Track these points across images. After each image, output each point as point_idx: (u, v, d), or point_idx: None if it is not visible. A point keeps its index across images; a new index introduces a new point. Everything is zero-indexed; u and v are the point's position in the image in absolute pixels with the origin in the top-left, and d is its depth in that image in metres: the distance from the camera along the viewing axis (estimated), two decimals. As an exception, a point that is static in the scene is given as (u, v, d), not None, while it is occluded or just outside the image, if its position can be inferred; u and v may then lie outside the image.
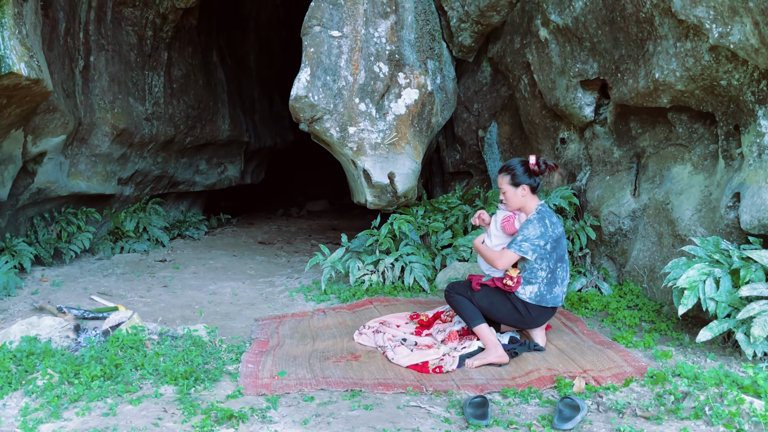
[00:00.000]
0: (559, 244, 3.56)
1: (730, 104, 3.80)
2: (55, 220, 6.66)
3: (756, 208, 3.52)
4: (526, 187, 3.56)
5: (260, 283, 5.85)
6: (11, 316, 4.62)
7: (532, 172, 3.56)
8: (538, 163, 3.54)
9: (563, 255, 3.61)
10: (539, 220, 3.51)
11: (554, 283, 3.58)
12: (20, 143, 5.61)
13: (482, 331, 3.53)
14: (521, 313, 3.57)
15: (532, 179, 3.56)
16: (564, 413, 2.75)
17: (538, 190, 3.62)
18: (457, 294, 3.63)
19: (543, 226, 3.50)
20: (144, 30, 7.38)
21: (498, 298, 3.60)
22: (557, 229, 3.55)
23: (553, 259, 3.55)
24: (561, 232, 3.57)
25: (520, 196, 3.58)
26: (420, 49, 5.65)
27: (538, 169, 3.55)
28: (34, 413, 2.90)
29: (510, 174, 3.59)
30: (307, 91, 5.18)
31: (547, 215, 3.57)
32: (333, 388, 3.17)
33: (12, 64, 4.52)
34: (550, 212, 3.61)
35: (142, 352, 3.57)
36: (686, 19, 3.61)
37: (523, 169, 3.57)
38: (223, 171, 9.78)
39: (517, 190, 3.57)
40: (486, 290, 3.62)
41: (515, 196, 3.59)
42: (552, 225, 3.53)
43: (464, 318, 3.60)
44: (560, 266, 3.60)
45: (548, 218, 3.55)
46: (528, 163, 3.57)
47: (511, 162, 3.65)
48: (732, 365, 3.32)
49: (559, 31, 4.93)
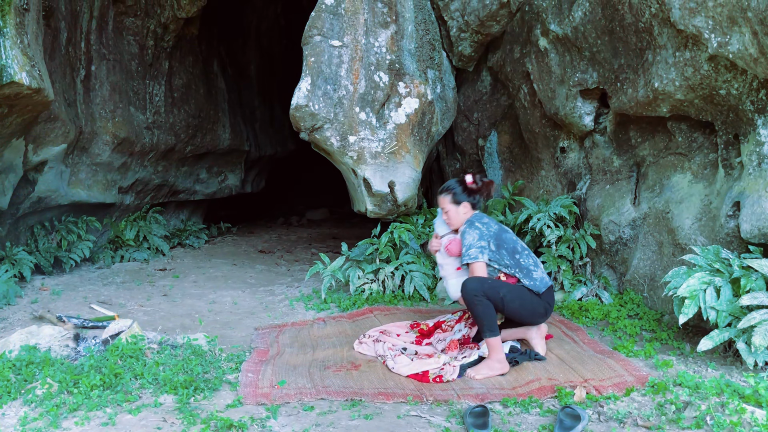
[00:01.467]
0: (502, 239, 3.64)
1: (730, 113, 3.81)
2: (55, 228, 6.67)
3: (756, 217, 3.52)
4: (467, 204, 3.72)
5: (260, 292, 5.84)
6: (11, 325, 4.61)
7: (470, 190, 3.72)
8: (475, 180, 3.72)
9: (515, 247, 3.66)
10: (469, 225, 3.65)
11: (530, 271, 3.62)
12: (21, 152, 5.62)
13: (496, 344, 3.46)
14: (546, 301, 3.63)
15: (471, 197, 3.72)
16: (565, 423, 2.74)
17: (477, 206, 3.77)
18: (485, 298, 3.45)
19: (476, 229, 3.62)
20: (145, 39, 7.42)
21: (526, 295, 3.59)
22: (491, 227, 3.65)
23: (505, 256, 3.61)
24: (497, 229, 3.67)
25: (462, 213, 3.72)
26: (420, 59, 5.67)
27: (476, 186, 3.72)
28: (33, 423, 2.89)
29: (450, 193, 3.74)
30: (308, 100, 5.19)
31: (476, 218, 3.69)
32: (333, 398, 3.16)
33: (13, 74, 4.54)
34: (480, 215, 3.73)
35: (142, 361, 3.56)
36: (685, 28, 3.63)
37: (462, 187, 3.73)
38: (224, 180, 9.80)
39: (458, 208, 3.72)
40: (512, 290, 3.55)
41: (457, 214, 3.73)
42: (484, 225, 3.65)
43: (483, 325, 3.46)
44: (520, 257, 3.64)
45: (477, 221, 3.67)
46: (465, 182, 3.73)
47: (449, 182, 3.81)
48: (733, 375, 3.31)
49: (558, 40, 4.95)
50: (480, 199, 3.78)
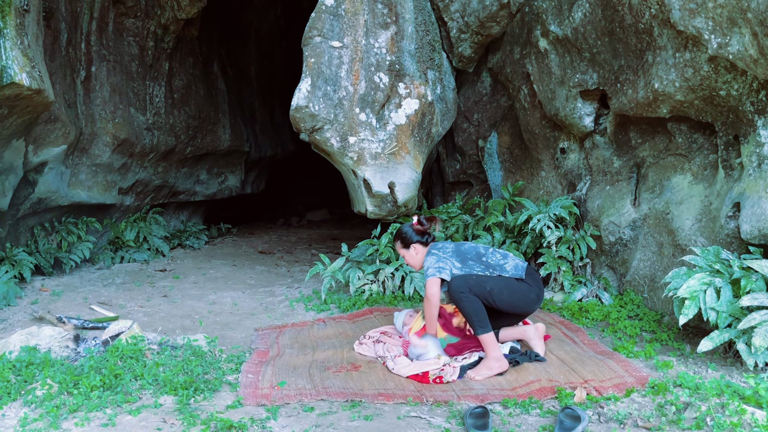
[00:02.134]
0: (461, 251, 3.72)
1: (730, 114, 3.81)
2: (55, 229, 6.67)
3: (756, 218, 3.52)
4: (416, 245, 3.84)
5: (260, 292, 5.84)
6: (11, 325, 4.61)
7: (417, 231, 3.84)
8: (420, 221, 3.87)
9: (477, 252, 3.72)
10: (427, 254, 3.77)
11: (502, 266, 3.67)
12: (21, 153, 5.62)
13: (489, 340, 3.48)
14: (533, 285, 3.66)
15: (419, 236, 3.84)
16: (565, 424, 2.74)
17: (429, 243, 3.87)
18: (473, 294, 3.49)
19: (433, 255, 3.72)
20: (145, 41, 7.42)
21: (514, 284, 3.62)
22: (446, 248, 3.75)
23: (474, 265, 3.65)
24: (453, 247, 3.76)
25: (414, 254, 3.85)
26: (420, 60, 5.67)
27: (421, 226, 3.85)
28: (33, 423, 2.89)
29: (400, 239, 3.90)
30: (308, 101, 5.19)
31: (432, 247, 3.81)
32: (333, 399, 3.16)
33: (14, 75, 4.54)
34: (435, 244, 3.83)
35: (142, 362, 3.56)
36: (685, 29, 3.63)
37: (410, 230, 3.87)
38: (224, 181, 9.80)
39: (409, 250, 3.86)
40: (498, 281, 3.59)
41: (411, 257, 3.87)
42: (439, 249, 3.75)
43: (472, 322, 3.50)
44: (487, 257, 3.70)
45: (433, 248, 3.79)
46: (413, 225, 3.88)
47: (398, 229, 3.97)
48: (733, 375, 3.31)
49: (558, 41, 4.95)
50: (429, 238, 3.88)
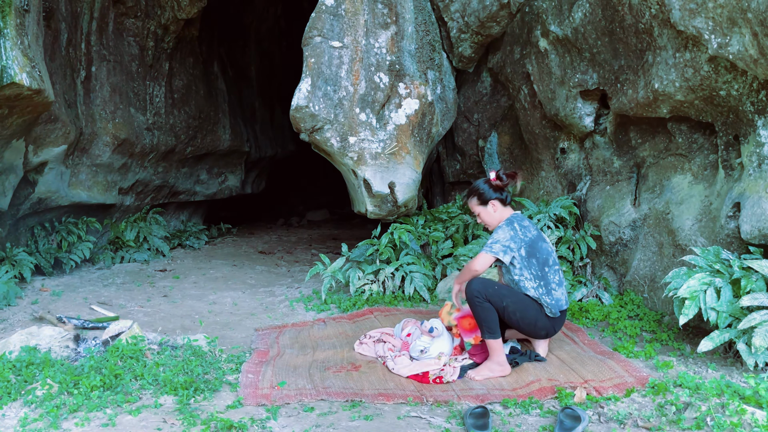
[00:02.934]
0: (536, 248, 3.53)
1: (730, 114, 3.81)
2: (55, 229, 6.67)
3: (756, 218, 3.52)
4: (494, 202, 3.64)
5: (260, 292, 5.84)
6: (11, 325, 4.61)
7: (495, 187, 3.65)
8: (498, 176, 3.65)
9: (547, 259, 3.55)
10: (508, 223, 3.56)
11: (551, 289, 3.53)
12: (21, 153, 5.62)
13: (496, 346, 3.45)
14: (552, 324, 3.56)
15: (497, 193, 3.64)
16: (565, 424, 2.74)
17: (508, 202, 3.68)
18: (487, 302, 3.42)
19: (512, 230, 3.52)
20: (145, 41, 7.42)
21: (531, 312, 3.51)
22: (529, 233, 3.53)
23: (534, 266, 3.51)
24: (535, 236, 3.55)
25: (492, 212, 3.65)
26: (420, 60, 5.67)
27: (500, 182, 3.65)
28: (33, 423, 2.89)
29: (476, 195, 3.68)
30: (308, 101, 5.20)
31: (517, 220, 3.58)
32: (333, 399, 3.16)
33: (14, 75, 4.54)
34: (521, 218, 3.62)
35: (142, 362, 3.56)
36: (685, 29, 3.63)
37: (486, 186, 3.66)
38: (224, 181, 9.80)
39: (487, 207, 3.65)
40: (518, 302, 3.49)
41: (488, 214, 3.66)
42: (522, 228, 3.53)
43: (483, 327, 3.46)
44: (549, 271, 3.55)
45: (517, 222, 3.56)
46: (490, 180, 3.67)
47: (474, 184, 3.75)
48: (733, 375, 3.31)
49: (558, 41, 4.95)
50: (508, 195, 3.68)
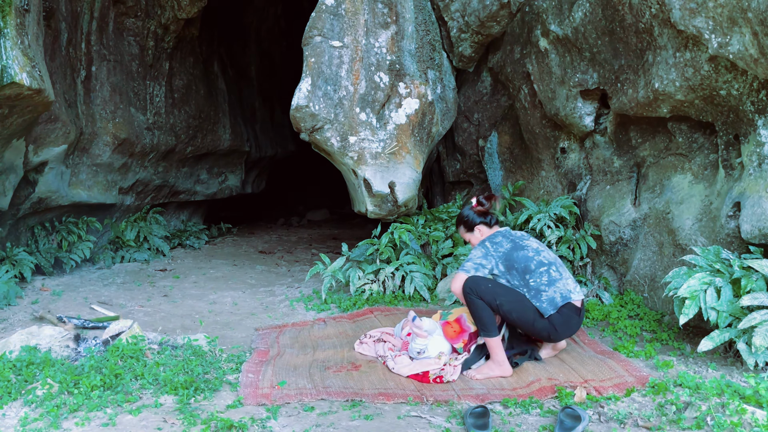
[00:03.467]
0: (513, 259, 3.54)
1: (730, 114, 3.81)
2: (55, 229, 6.67)
3: (756, 217, 3.52)
4: (480, 227, 3.77)
5: (261, 292, 5.84)
6: (11, 325, 4.61)
7: (479, 213, 3.77)
8: (479, 201, 3.79)
9: (527, 266, 3.52)
10: (480, 244, 3.67)
11: (540, 291, 3.48)
12: (21, 153, 5.62)
13: (494, 344, 3.45)
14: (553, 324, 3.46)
15: (481, 217, 3.77)
16: (565, 423, 2.74)
17: (493, 224, 3.79)
18: (479, 299, 3.43)
19: (483, 248, 3.63)
20: (146, 40, 7.42)
21: (529, 312, 3.45)
22: (501, 247, 3.60)
23: (516, 276, 3.52)
24: (509, 249, 3.58)
25: (479, 236, 3.76)
26: (420, 59, 5.67)
27: (482, 206, 3.77)
28: (33, 423, 2.89)
29: (462, 223, 3.83)
30: (308, 100, 5.20)
31: (489, 239, 3.67)
32: (333, 398, 3.16)
33: (14, 74, 4.54)
34: (495, 235, 3.68)
35: (142, 361, 3.56)
36: (685, 29, 3.63)
37: (471, 213, 3.80)
38: (224, 180, 9.80)
39: (474, 233, 3.79)
40: (513, 301, 3.45)
41: (476, 239, 3.78)
42: (494, 245, 3.62)
43: (479, 324, 3.47)
44: (531, 276, 3.50)
45: (489, 241, 3.66)
46: (473, 207, 3.81)
47: (459, 213, 3.89)
48: (734, 375, 3.31)
49: (558, 41, 4.95)
50: (492, 217, 3.80)
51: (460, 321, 3.70)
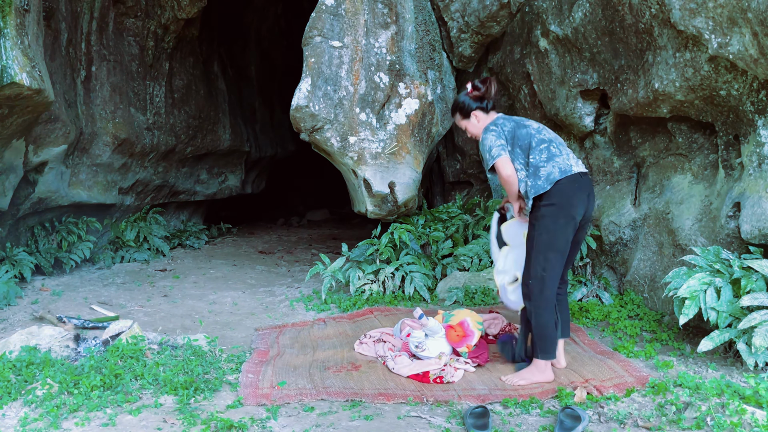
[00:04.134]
0: (517, 137, 3.41)
1: (730, 114, 3.81)
2: (55, 229, 6.67)
3: (756, 217, 3.52)
4: (476, 112, 3.57)
5: (260, 292, 5.84)
6: (11, 325, 4.61)
7: (474, 98, 3.56)
8: (474, 86, 3.56)
9: (529, 143, 3.39)
10: (485, 131, 3.48)
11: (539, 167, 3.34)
12: (21, 153, 5.62)
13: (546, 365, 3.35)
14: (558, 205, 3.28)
15: (477, 102, 3.56)
16: (565, 424, 2.74)
17: (489, 108, 3.58)
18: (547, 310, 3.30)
19: (492, 132, 3.44)
20: (146, 40, 7.42)
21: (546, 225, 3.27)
22: (505, 127, 3.44)
23: (520, 155, 3.38)
24: (512, 127, 3.44)
25: (476, 123, 3.58)
26: (420, 60, 5.67)
27: (477, 91, 3.55)
28: (33, 423, 2.89)
29: (458, 110, 3.63)
30: (308, 101, 5.20)
31: (493, 123, 3.50)
32: (333, 398, 3.16)
33: (14, 74, 4.54)
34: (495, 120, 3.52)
35: (142, 361, 3.56)
36: (685, 29, 3.63)
37: (467, 99, 3.58)
38: (224, 181, 9.80)
39: (470, 120, 3.59)
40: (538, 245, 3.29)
41: (474, 126, 3.60)
42: (498, 125, 3.46)
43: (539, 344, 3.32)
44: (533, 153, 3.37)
45: (492, 124, 3.49)
46: (468, 93, 3.59)
47: (455, 100, 3.69)
48: (733, 375, 3.31)
49: (558, 41, 4.95)
50: (489, 102, 3.58)
51: (464, 325, 3.70)
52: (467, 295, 5.03)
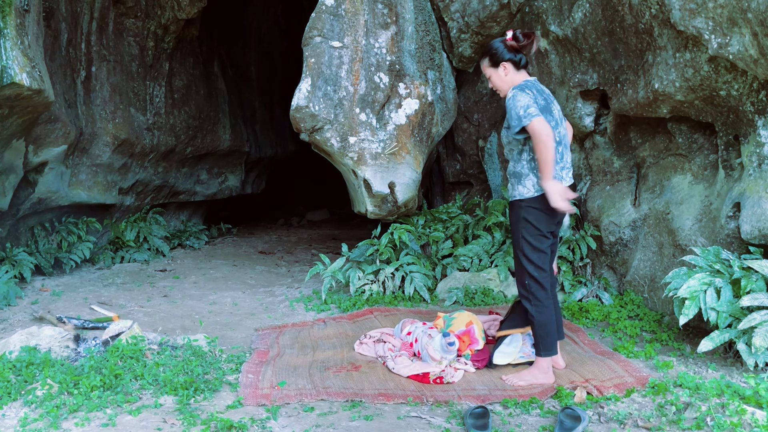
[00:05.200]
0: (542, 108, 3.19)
1: (730, 114, 3.81)
2: (55, 229, 6.67)
3: (756, 218, 3.52)
4: (506, 64, 3.27)
5: (260, 293, 5.84)
6: (11, 326, 4.61)
7: (510, 48, 3.26)
8: (515, 36, 3.25)
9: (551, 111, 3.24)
10: (520, 89, 3.20)
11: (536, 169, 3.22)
12: (21, 153, 5.62)
13: (548, 365, 3.34)
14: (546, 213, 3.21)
15: (512, 54, 3.26)
16: (565, 424, 2.74)
17: (522, 66, 3.31)
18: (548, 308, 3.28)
19: (527, 94, 3.17)
20: (146, 41, 7.42)
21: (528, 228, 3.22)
22: (538, 99, 3.18)
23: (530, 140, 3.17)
24: (542, 106, 3.19)
25: (503, 75, 3.30)
26: (420, 60, 5.67)
27: (517, 42, 3.25)
28: (33, 423, 2.89)
29: (488, 55, 3.32)
30: (308, 101, 5.20)
31: (528, 86, 3.21)
32: (333, 399, 3.16)
33: (14, 75, 4.54)
34: (529, 86, 3.23)
35: (142, 362, 3.56)
36: (685, 29, 3.63)
37: (501, 46, 3.28)
38: (224, 181, 9.80)
39: (498, 70, 3.30)
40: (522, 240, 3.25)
41: (499, 78, 3.31)
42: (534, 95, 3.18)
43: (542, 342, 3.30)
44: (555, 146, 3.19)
45: (529, 88, 3.19)
46: (506, 40, 3.28)
47: (488, 44, 3.37)
48: (733, 376, 3.31)
49: (558, 41, 4.95)
50: (523, 58, 3.29)
51: (471, 334, 3.70)
52: (467, 296, 5.03)
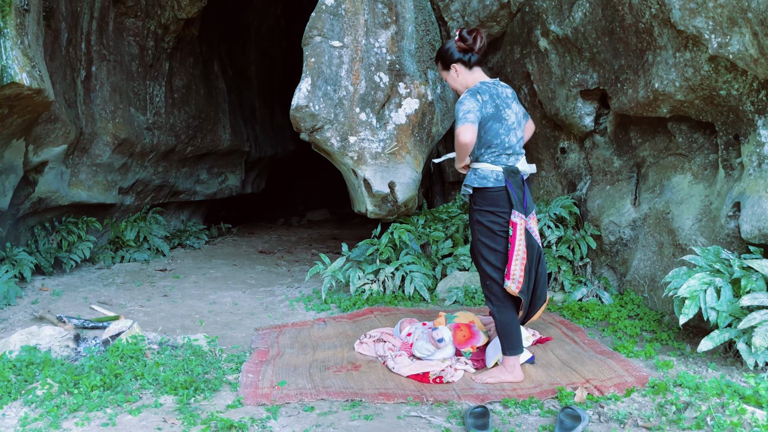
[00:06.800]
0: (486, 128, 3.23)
1: (730, 114, 3.81)
2: (55, 229, 6.67)
3: (756, 217, 3.52)
4: (456, 65, 3.33)
5: (260, 292, 5.84)
6: (11, 325, 4.61)
7: (459, 48, 3.31)
8: (461, 36, 3.30)
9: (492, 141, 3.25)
10: (471, 94, 3.22)
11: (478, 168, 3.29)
12: (21, 153, 5.62)
13: (515, 363, 3.35)
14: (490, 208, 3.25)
15: (460, 54, 3.31)
16: (565, 423, 2.74)
17: (472, 63, 3.33)
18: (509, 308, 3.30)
19: (476, 101, 3.19)
20: (145, 40, 7.42)
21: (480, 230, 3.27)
22: (485, 109, 3.20)
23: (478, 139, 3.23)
24: (490, 114, 3.21)
25: (456, 77, 3.35)
26: (420, 60, 5.67)
27: (463, 42, 3.30)
28: (33, 423, 2.89)
29: (440, 59, 3.38)
30: (308, 100, 5.20)
31: (479, 92, 3.22)
32: (333, 398, 3.16)
33: (14, 74, 4.54)
34: (483, 90, 3.24)
35: (142, 361, 3.57)
36: (685, 29, 3.63)
37: (452, 48, 3.34)
38: (224, 180, 9.80)
39: (450, 72, 3.36)
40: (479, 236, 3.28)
41: (453, 79, 3.37)
42: (484, 103, 3.20)
43: (505, 341, 3.33)
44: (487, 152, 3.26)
45: (479, 94, 3.21)
46: (456, 41, 3.34)
47: (440, 47, 3.43)
48: (733, 375, 3.31)
49: (558, 41, 4.95)
50: (474, 56, 3.32)
51: (471, 327, 3.70)
52: (467, 295, 5.03)
